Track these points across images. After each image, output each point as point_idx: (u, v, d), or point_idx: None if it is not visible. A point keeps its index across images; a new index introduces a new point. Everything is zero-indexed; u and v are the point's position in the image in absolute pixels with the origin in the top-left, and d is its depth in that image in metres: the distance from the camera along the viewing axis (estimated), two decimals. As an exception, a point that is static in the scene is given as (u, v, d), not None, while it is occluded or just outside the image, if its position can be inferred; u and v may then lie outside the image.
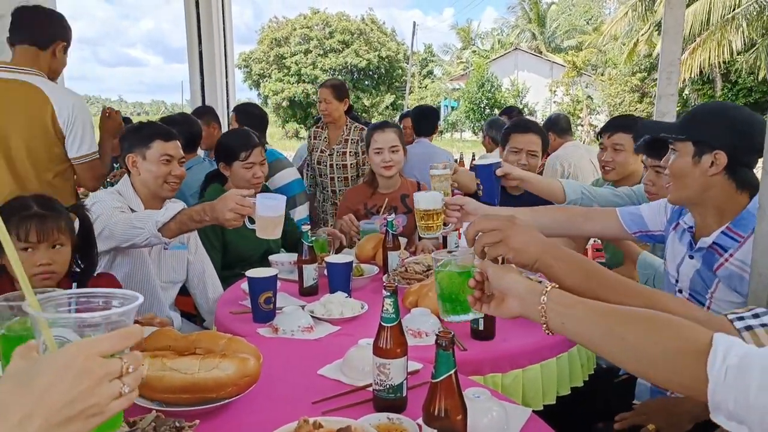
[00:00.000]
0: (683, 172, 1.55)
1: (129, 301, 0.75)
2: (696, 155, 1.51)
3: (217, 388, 1.15)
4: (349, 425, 1.00)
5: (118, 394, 0.64)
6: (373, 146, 2.72)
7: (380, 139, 2.70)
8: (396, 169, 2.74)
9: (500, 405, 1.14)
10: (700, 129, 1.54)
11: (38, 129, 2.26)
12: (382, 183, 2.78)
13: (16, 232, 1.52)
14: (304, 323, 1.70)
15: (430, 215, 1.77)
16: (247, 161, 2.46)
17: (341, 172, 3.60)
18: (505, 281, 1.01)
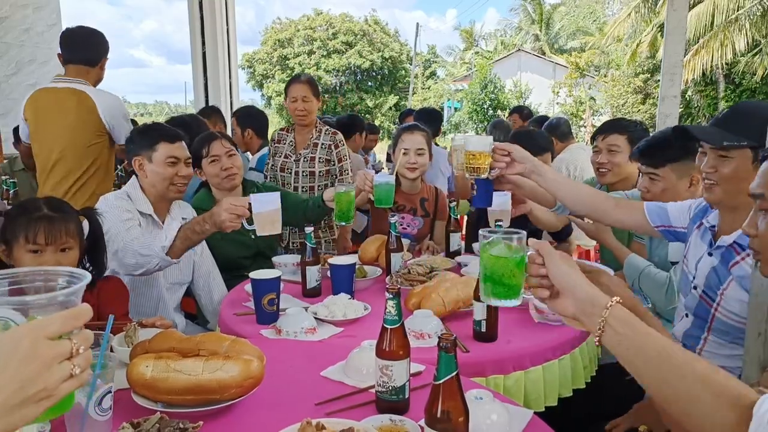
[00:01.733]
0: (741, 177, 1.47)
1: (77, 279, 0.74)
2: (755, 160, 1.46)
3: (221, 390, 1.16)
4: (352, 427, 1.01)
5: (69, 375, 0.63)
6: (400, 146, 2.75)
7: (408, 140, 2.73)
8: (420, 171, 2.75)
9: (502, 406, 1.15)
10: (753, 131, 1.47)
11: (85, 125, 2.75)
12: (404, 184, 2.78)
13: (25, 233, 1.53)
14: (307, 325, 1.71)
15: (477, 156, 1.75)
16: (210, 156, 2.46)
17: (308, 180, 3.14)
18: (567, 280, 0.93)
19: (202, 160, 2.48)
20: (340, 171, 3.19)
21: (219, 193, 2.52)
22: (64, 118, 2.73)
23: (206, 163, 2.47)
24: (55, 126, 2.75)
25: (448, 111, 29.82)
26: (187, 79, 6.94)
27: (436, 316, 1.68)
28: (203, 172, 2.50)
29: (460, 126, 29.10)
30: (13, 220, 1.56)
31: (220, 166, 2.45)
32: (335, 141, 3.19)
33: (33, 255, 1.54)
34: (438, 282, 1.86)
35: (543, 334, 1.70)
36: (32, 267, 0.79)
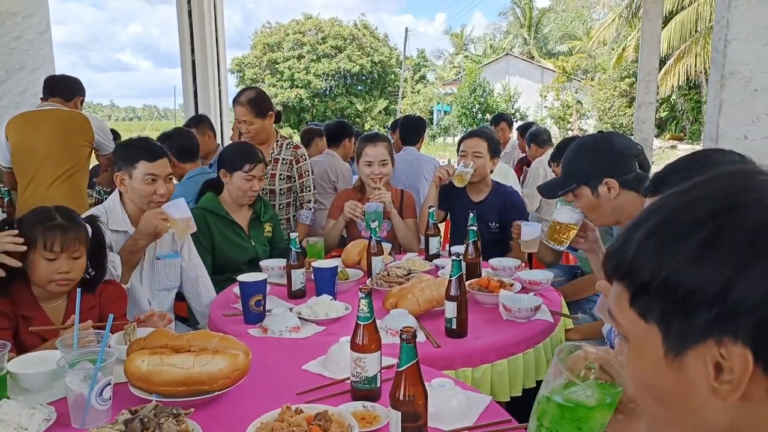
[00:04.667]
0: (593, 207, 1.90)
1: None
2: (593, 191, 1.88)
3: (210, 381, 1.29)
4: (327, 410, 1.14)
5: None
6: (363, 158, 2.88)
7: (371, 153, 2.86)
8: (384, 180, 2.89)
9: (463, 393, 1.28)
10: (579, 172, 1.91)
11: (75, 130, 3.15)
12: (369, 191, 2.92)
13: (42, 241, 1.63)
14: (291, 324, 1.83)
15: (566, 229, 2.01)
16: (249, 173, 2.58)
17: (267, 198, 3.02)
18: None
19: (237, 171, 2.57)
20: (301, 188, 3.16)
21: (230, 203, 2.64)
22: (54, 128, 3.07)
23: (240, 176, 2.57)
24: (41, 132, 3.08)
25: (437, 114, 30.02)
26: (175, 83, 7.00)
27: (411, 315, 1.82)
28: (230, 178, 2.59)
29: (449, 129, 29.31)
30: (30, 227, 1.65)
31: (251, 186, 2.58)
32: (297, 156, 3.13)
33: (48, 262, 1.64)
34: (414, 283, 2.00)
35: (509, 330, 1.84)
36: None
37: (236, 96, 3.02)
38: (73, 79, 3.61)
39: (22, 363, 1.40)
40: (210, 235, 2.57)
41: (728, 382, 0.53)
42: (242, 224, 2.68)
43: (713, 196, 0.56)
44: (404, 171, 3.78)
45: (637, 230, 0.59)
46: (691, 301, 0.53)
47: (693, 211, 0.56)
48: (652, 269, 0.56)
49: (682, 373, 0.56)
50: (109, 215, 2.15)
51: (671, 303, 0.55)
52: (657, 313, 0.57)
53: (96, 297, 1.76)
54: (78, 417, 1.22)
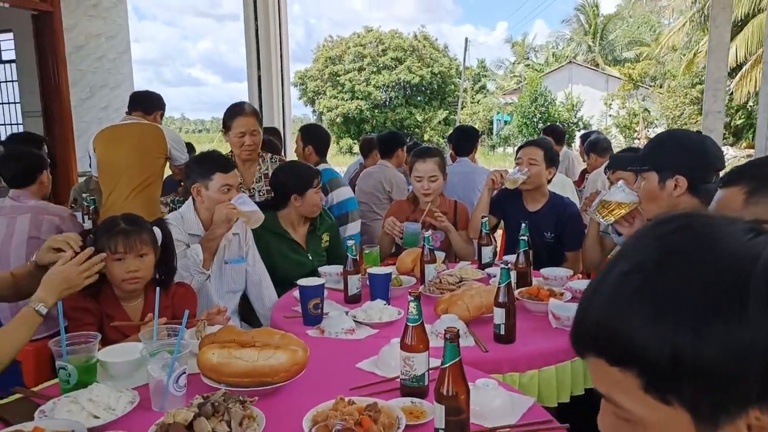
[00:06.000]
0: (652, 196, 1.85)
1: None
2: (660, 181, 1.82)
3: (272, 374, 1.41)
4: (376, 402, 1.24)
5: None
6: (414, 173, 2.98)
7: (421, 168, 2.95)
8: (434, 195, 2.98)
9: (506, 393, 1.35)
10: (658, 158, 1.84)
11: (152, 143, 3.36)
12: (422, 202, 3.01)
13: (107, 246, 1.82)
14: (347, 326, 1.95)
15: (617, 207, 2.14)
16: (317, 187, 2.75)
17: None
18: None
19: (309, 189, 2.71)
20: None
21: (291, 217, 2.76)
22: (134, 141, 3.30)
23: (312, 192, 2.72)
24: (122, 145, 3.31)
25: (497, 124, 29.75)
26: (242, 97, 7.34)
27: (461, 320, 1.89)
28: (305, 196, 2.70)
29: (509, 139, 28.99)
30: (99, 237, 1.86)
31: (319, 197, 2.77)
32: None
33: (118, 262, 1.84)
34: (464, 290, 2.07)
35: (558, 337, 1.88)
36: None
37: (237, 109, 2.96)
38: (155, 94, 3.88)
39: (109, 353, 1.57)
40: (269, 254, 2.69)
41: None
42: (300, 240, 2.79)
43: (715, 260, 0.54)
44: (459, 184, 3.80)
45: (633, 308, 0.55)
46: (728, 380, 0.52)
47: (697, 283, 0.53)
48: (671, 350, 0.53)
49: None
50: (184, 220, 2.35)
51: (704, 383, 0.53)
52: (687, 396, 0.54)
53: (169, 298, 1.93)
54: (157, 401, 1.37)
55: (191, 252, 2.22)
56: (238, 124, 2.93)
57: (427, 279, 2.41)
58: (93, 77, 7.38)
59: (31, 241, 2.78)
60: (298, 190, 2.72)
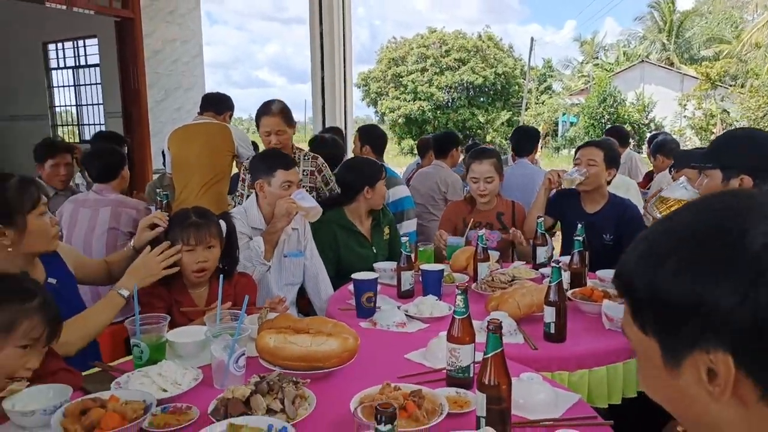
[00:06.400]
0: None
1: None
2: (724, 179, 1.74)
3: (324, 359, 1.49)
4: (420, 389, 1.29)
5: None
6: (470, 174, 3.01)
7: (477, 169, 2.98)
8: (490, 196, 3.00)
9: (550, 388, 1.37)
10: (724, 156, 1.76)
11: (221, 143, 3.50)
12: (479, 201, 3.04)
13: (181, 236, 1.97)
14: (398, 320, 2.01)
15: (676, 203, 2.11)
16: (384, 179, 2.86)
17: None
18: None
19: (379, 181, 2.83)
20: (329, 195, 3.13)
21: (358, 211, 2.85)
22: (204, 139, 3.47)
23: (381, 184, 2.83)
24: (194, 144, 3.47)
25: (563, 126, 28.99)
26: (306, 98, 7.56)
27: (511, 318, 1.91)
28: (373, 190, 2.81)
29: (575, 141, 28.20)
30: (172, 228, 2.01)
31: (384, 191, 2.85)
32: (317, 166, 3.14)
33: (188, 253, 1.97)
34: (516, 289, 2.08)
35: (610, 338, 1.86)
36: None
37: (264, 108, 3.02)
38: (225, 96, 4.09)
39: (177, 334, 1.70)
40: (336, 247, 2.79)
41: (719, 386, 0.58)
42: (366, 233, 2.88)
43: (697, 220, 0.62)
44: (517, 186, 3.74)
45: (636, 250, 0.65)
46: (677, 315, 0.59)
47: (677, 232, 0.62)
48: (645, 286, 0.62)
49: (682, 381, 0.61)
50: (247, 214, 2.48)
51: (662, 317, 0.61)
52: (653, 327, 0.63)
53: (232, 287, 2.05)
54: (219, 379, 1.48)
55: (254, 244, 2.35)
56: (263, 123, 3.00)
57: (479, 277, 2.43)
58: (168, 80, 7.80)
59: (110, 231, 3.01)
60: (370, 183, 2.82)
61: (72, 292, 1.96)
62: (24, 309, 1.34)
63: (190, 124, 3.71)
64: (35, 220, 1.73)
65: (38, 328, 1.34)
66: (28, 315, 1.34)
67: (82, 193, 3.43)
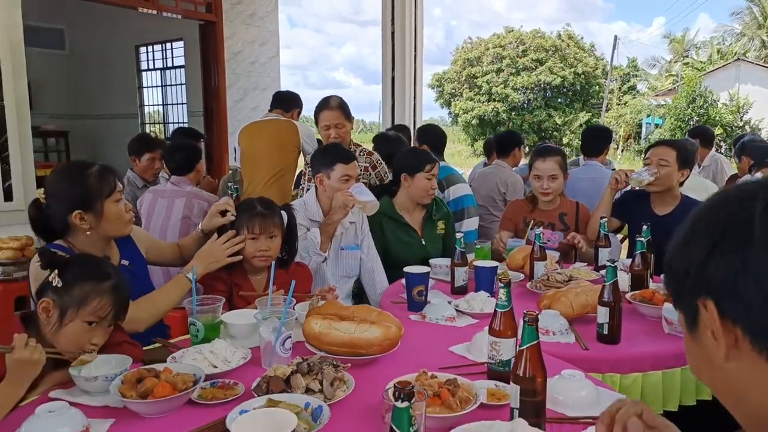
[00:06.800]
0: None
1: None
2: None
3: (366, 346, 1.52)
4: (456, 378, 1.29)
5: None
6: (533, 172, 2.94)
7: (541, 167, 2.90)
8: (553, 195, 2.92)
9: (592, 386, 1.33)
10: None
11: (287, 139, 3.58)
12: (541, 201, 2.97)
13: (246, 225, 2.06)
14: (448, 314, 2.01)
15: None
16: (430, 173, 2.82)
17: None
18: None
19: (419, 173, 2.81)
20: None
21: (406, 202, 2.86)
22: (272, 135, 3.59)
23: (422, 176, 2.81)
24: (262, 139, 3.60)
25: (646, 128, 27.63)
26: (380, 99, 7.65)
27: (563, 317, 1.86)
28: (412, 181, 2.83)
29: (659, 144, 26.76)
30: (239, 216, 2.11)
31: (431, 184, 2.83)
32: (372, 162, 3.16)
33: (252, 241, 2.07)
34: (570, 288, 2.03)
35: (668, 342, 1.78)
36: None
37: (324, 103, 3.10)
38: (294, 94, 4.26)
39: (232, 316, 1.79)
40: (383, 237, 2.81)
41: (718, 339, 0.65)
42: (415, 225, 2.88)
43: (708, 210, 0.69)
44: (585, 190, 3.56)
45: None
46: (683, 279, 0.68)
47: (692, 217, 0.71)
48: (669, 264, 0.71)
49: (701, 345, 0.68)
50: (306, 207, 2.56)
51: (677, 286, 0.70)
52: (676, 300, 0.71)
53: (289, 274, 2.13)
54: (266, 360, 1.54)
55: (310, 235, 2.42)
56: (323, 117, 3.08)
57: (535, 275, 2.38)
58: (246, 80, 8.13)
59: (184, 220, 3.19)
60: (408, 170, 2.83)
61: (143, 273, 2.10)
62: (97, 288, 1.46)
63: (259, 120, 3.86)
64: (111, 206, 1.87)
65: (106, 308, 1.46)
66: (99, 294, 1.46)
67: (161, 184, 3.66)
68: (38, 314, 1.45)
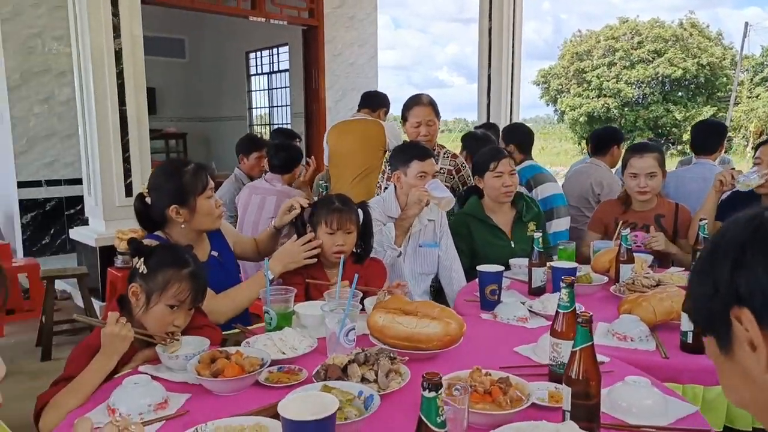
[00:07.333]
0: None
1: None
2: None
3: (426, 341, 1.54)
4: (509, 377, 1.27)
5: None
6: (629, 170, 2.77)
7: (637, 165, 2.73)
8: (651, 194, 2.73)
9: (660, 395, 1.26)
10: None
11: (374, 139, 3.68)
12: (636, 201, 2.80)
13: (325, 220, 2.15)
14: (520, 314, 1.96)
15: None
16: (495, 171, 2.72)
17: None
18: None
19: (486, 173, 2.75)
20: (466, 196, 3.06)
21: (490, 202, 2.81)
22: (358, 134, 3.70)
23: (489, 176, 2.75)
24: (349, 138, 3.71)
25: (782, 122, 24.98)
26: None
27: (643, 323, 1.76)
28: (484, 181, 2.77)
29: (797, 140, 24.11)
30: (317, 211, 2.20)
31: (502, 182, 2.72)
32: (456, 165, 3.09)
33: (329, 236, 2.15)
34: (654, 293, 1.91)
35: (762, 356, 1.62)
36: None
37: (416, 99, 3.07)
38: (381, 94, 4.35)
39: (304, 307, 1.88)
40: (470, 239, 2.77)
41: (758, 346, 0.65)
42: (504, 226, 2.79)
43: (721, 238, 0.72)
44: (695, 192, 3.28)
45: None
46: (712, 298, 0.69)
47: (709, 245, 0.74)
48: (693, 293, 0.75)
49: (738, 362, 0.68)
50: (385, 203, 2.61)
51: (706, 309, 0.71)
52: (706, 326, 0.73)
53: (364, 269, 2.19)
54: (330, 349, 1.60)
55: (386, 229, 2.47)
56: (414, 113, 3.04)
57: (621, 279, 2.26)
58: (345, 81, 8.38)
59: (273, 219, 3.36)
60: (478, 173, 2.79)
61: (231, 264, 2.25)
62: (177, 275, 1.60)
63: (347, 120, 3.98)
64: (204, 202, 2.03)
65: (185, 292, 1.59)
66: (179, 280, 1.59)
67: (257, 180, 3.88)
68: (129, 298, 1.61)
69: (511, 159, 2.81)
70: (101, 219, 4.51)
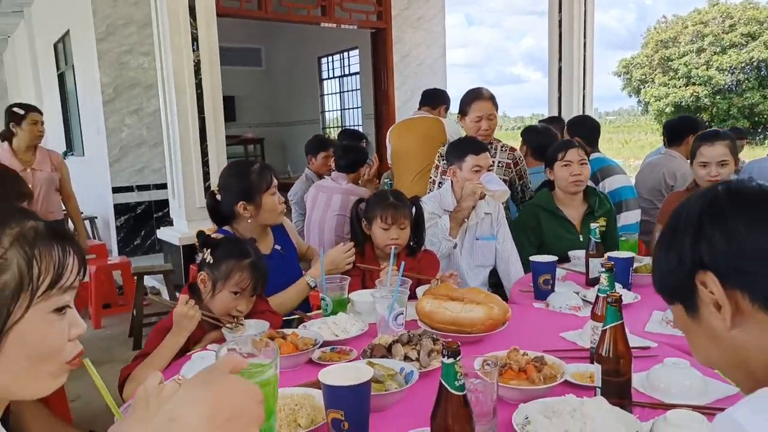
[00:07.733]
0: None
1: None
2: None
3: (470, 325, 1.60)
4: (543, 356, 1.31)
5: None
6: (698, 159, 2.70)
7: (708, 153, 2.65)
8: None
9: (699, 376, 1.26)
10: None
11: (434, 136, 3.65)
12: None
13: (380, 215, 2.24)
14: (573, 303, 1.98)
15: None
16: (563, 160, 2.69)
17: None
18: None
19: (555, 162, 2.74)
20: (522, 190, 3.12)
21: (561, 194, 2.78)
22: (419, 132, 3.75)
23: (559, 165, 2.71)
24: (409, 136, 3.78)
25: None
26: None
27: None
28: (554, 172, 2.75)
29: None
30: (373, 205, 2.30)
31: (570, 171, 2.70)
32: (514, 158, 3.08)
33: (383, 231, 2.24)
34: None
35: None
36: None
37: (477, 93, 3.07)
38: (441, 91, 4.37)
39: (359, 294, 1.99)
40: (540, 231, 2.75)
41: (722, 305, 0.70)
42: (574, 219, 2.76)
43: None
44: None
45: None
46: (676, 269, 0.75)
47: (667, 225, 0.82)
48: (658, 264, 0.81)
49: (706, 323, 0.73)
50: (441, 197, 2.68)
51: (671, 279, 0.77)
52: (673, 294, 0.79)
53: (416, 261, 2.27)
54: (380, 332, 1.69)
55: (440, 222, 2.53)
56: (475, 108, 3.02)
57: (590, 274, 2.23)
58: (413, 81, 8.46)
59: (339, 216, 3.50)
60: (548, 164, 2.77)
61: (292, 258, 2.40)
62: (239, 264, 1.75)
63: (408, 118, 4.06)
64: (268, 199, 2.19)
65: (246, 280, 1.74)
66: (241, 269, 1.74)
67: (325, 179, 4.04)
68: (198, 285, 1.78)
69: (581, 149, 2.78)
70: (184, 219, 4.85)
